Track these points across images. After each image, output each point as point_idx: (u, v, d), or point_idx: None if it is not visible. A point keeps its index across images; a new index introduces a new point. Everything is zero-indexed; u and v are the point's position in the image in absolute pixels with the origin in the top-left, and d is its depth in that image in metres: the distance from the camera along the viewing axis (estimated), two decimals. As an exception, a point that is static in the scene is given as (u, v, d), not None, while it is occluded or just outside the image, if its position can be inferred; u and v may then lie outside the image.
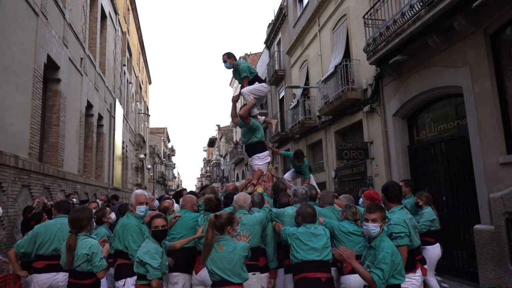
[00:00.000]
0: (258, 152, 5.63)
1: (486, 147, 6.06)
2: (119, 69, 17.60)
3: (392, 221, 3.44)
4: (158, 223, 3.38)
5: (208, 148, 63.68)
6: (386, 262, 2.86)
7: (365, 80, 10.02)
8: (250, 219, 3.82)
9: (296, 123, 14.63)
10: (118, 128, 16.42)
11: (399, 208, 3.57)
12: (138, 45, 25.78)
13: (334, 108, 11.22)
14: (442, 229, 6.09)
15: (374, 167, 9.74)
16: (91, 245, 3.19)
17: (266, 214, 3.96)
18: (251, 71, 5.82)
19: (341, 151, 9.97)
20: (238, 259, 3.06)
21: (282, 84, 18.37)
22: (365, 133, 10.22)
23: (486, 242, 5.82)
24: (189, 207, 4.18)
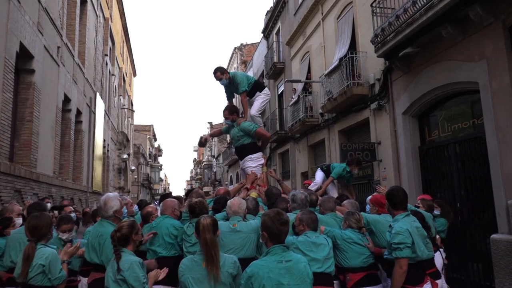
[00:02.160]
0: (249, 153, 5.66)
1: (504, 148, 6.10)
2: (100, 60, 17.54)
3: (394, 229, 3.45)
4: None
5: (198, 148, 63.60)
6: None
7: (372, 74, 10.06)
8: (245, 226, 3.83)
9: (296, 121, 14.65)
10: (98, 125, 16.37)
11: (403, 216, 3.57)
12: (122, 33, 25.70)
13: (338, 105, 11.25)
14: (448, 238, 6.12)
15: (381, 170, 9.78)
16: (48, 254, 3.14)
17: (262, 221, 3.97)
18: (249, 81, 5.96)
19: (346, 152, 9.99)
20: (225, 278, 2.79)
21: (281, 78, 18.39)
22: (372, 133, 10.26)
23: (504, 254, 5.85)
24: (169, 212, 4.16)
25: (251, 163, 5.66)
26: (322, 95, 12.49)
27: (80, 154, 13.75)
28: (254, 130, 5.66)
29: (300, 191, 4.20)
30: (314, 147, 14.99)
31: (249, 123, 5.76)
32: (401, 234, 3.39)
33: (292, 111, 15.19)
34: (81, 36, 13.94)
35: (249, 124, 5.72)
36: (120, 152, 24.23)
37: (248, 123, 5.75)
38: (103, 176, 18.05)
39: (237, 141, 5.84)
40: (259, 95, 6.11)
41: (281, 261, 2.68)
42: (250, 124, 5.72)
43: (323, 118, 13.38)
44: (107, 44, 19.40)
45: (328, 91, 11.81)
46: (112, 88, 21.57)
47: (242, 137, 5.74)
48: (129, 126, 31.37)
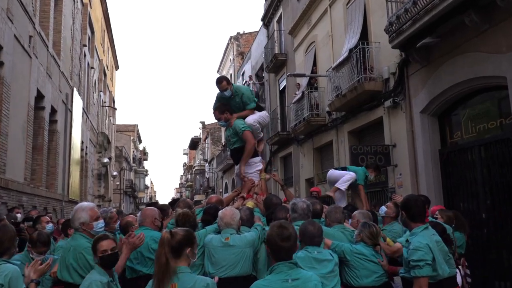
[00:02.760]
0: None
1: (535, 152, 6.11)
2: (78, 51, 17.55)
3: (412, 245, 3.45)
4: (106, 245, 3.33)
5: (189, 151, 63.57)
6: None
7: (386, 67, 10.08)
8: (239, 240, 3.83)
9: (300, 120, 14.66)
10: (76, 124, 16.37)
11: (422, 229, 3.56)
12: (103, 20, 25.73)
13: (347, 102, 11.26)
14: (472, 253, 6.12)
15: (397, 176, 9.77)
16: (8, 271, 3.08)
17: (259, 234, 3.96)
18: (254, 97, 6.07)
19: (356, 156, 9.98)
20: None
21: (283, 72, 18.42)
22: (386, 134, 10.26)
23: (535, 271, 5.86)
24: (149, 223, 4.12)
25: (247, 168, 5.66)
26: (329, 91, 12.51)
27: (55, 158, 13.74)
28: (242, 131, 5.65)
29: (301, 200, 4.18)
30: (320, 150, 14.98)
31: (242, 122, 5.75)
32: (420, 250, 3.38)
33: (296, 109, 15.20)
34: (56, 24, 13.95)
35: (241, 123, 5.72)
36: (100, 155, 24.21)
37: (241, 122, 5.74)
38: (80, 183, 18.03)
39: (231, 143, 5.84)
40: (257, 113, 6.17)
41: (286, 280, 2.64)
42: (242, 123, 5.72)
43: (330, 117, 13.38)
44: (86, 33, 19.42)
45: (336, 87, 11.81)
46: (91, 83, 21.57)
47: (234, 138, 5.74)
48: (111, 126, 31.35)
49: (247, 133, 5.72)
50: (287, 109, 17.58)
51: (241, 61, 29.13)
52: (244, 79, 26.09)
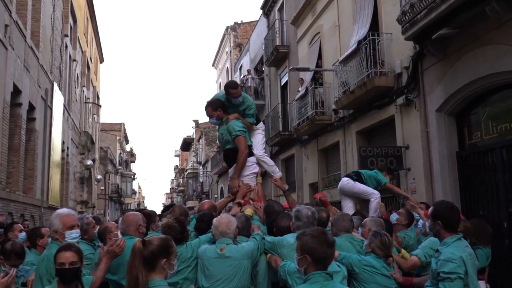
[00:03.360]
0: None
1: (562, 155, 6.11)
2: (58, 42, 17.54)
3: (443, 256, 3.45)
4: (65, 258, 3.23)
5: (181, 152, 63.57)
6: None
7: (399, 61, 10.08)
8: (236, 251, 3.81)
9: (303, 119, 14.66)
10: (56, 123, 16.35)
11: (455, 239, 3.57)
12: (86, 8, 25.73)
13: (356, 99, 11.25)
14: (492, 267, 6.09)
15: (410, 181, 9.77)
16: None
17: (258, 244, 3.95)
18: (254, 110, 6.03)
19: (365, 159, 9.97)
20: None
21: (285, 65, 18.43)
22: (399, 135, 10.25)
23: (562, 286, 5.86)
24: (133, 230, 4.02)
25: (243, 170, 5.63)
26: (336, 87, 12.50)
27: (33, 159, 13.71)
28: (235, 135, 5.59)
29: (306, 206, 4.16)
30: (325, 152, 14.97)
31: (239, 123, 5.68)
32: (453, 261, 3.38)
33: (299, 107, 15.19)
34: (34, 12, 13.93)
35: (238, 126, 5.64)
36: (83, 157, 24.19)
37: (238, 123, 5.66)
38: (61, 187, 18.01)
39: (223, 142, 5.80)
40: (255, 129, 6.11)
41: None
42: (239, 126, 5.64)
43: (337, 115, 13.38)
44: (67, 22, 19.40)
45: (344, 82, 11.80)
46: (73, 77, 21.55)
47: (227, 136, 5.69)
48: (95, 125, 31.32)
49: (241, 140, 5.57)
50: (289, 107, 17.57)
51: (238, 53, 29.14)
52: (242, 73, 26.10)
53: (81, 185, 24.12)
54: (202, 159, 41.60)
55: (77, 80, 22.78)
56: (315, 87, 14.10)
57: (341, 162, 13.27)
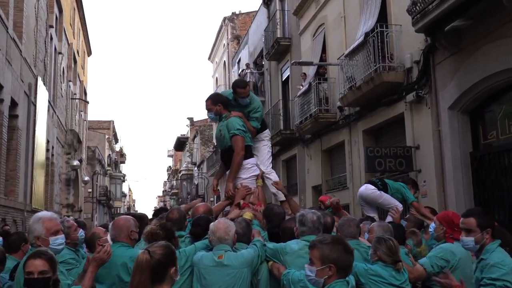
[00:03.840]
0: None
1: None
2: (43, 33, 17.52)
3: (491, 260, 3.46)
4: (34, 267, 3.10)
5: (175, 152, 63.57)
6: None
7: (408, 55, 10.09)
8: (235, 258, 3.80)
9: (306, 117, 14.66)
10: (40, 120, 16.34)
11: (497, 245, 3.60)
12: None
13: (362, 95, 11.26)
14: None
15: (420, 183, 9.77)
16: None
17: (258, 251, 3.94)
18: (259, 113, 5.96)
19: (373, 160, 9.96)
20: None
21: (287, 59, 18.43)
22: (408, 134, 10.26)
23: None
24: (124, 237, 3.95)
25: (241, 172, 5.60)
26: (341, 83, 12.51)
27: (16, 159, 13.70)
28: (232, 133, 5.52)
29: (311, 210, 4.16)
30: (330, 152, 14.96)
31: (240, 122, 5.62)
32: (501, 267, 3.39)
33: (301, 104, 15.19)
34: (17, 1, 13.91)
35: (238, 124, 5.58)
36: (69, 157, 24.18)
37: (239, 121, 5.60)
38: (46, 190, 17.99)
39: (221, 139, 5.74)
40: (261, 140, 6.04)
41: None
42: (239, 124, 5.58)
43: (342, 113, 13.38)
44: (53, 12, 19.39)
45: (350, 78, 11.80)
46: (58, 71, 21.54)
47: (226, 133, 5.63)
48: (82, 123, 31.30)
49: (238, 139, 5.43)
50: (291, 104, 17.56)
51: (236, 46, 29.14)
52: (240, 67, 26.09)
53: (67, 187, 24.11)
54: (197, 159, 41.63)
55: (63, 74, 22.77)
56: (318, 83, 14.09)
57: (346, 163, 13.26)
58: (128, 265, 3.75)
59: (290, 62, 17.05)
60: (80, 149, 27.69)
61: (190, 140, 46.68)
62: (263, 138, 6.07)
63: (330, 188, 14.57)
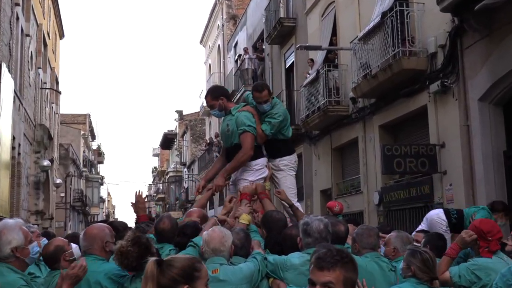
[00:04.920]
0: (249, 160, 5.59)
1: None
2: (8, 12, 17.47)
3: None
4: None
5: (161, 151, 63.51)
6: None
7: (433, 38, 10.08)
8: (232, 273, 3.79)
9: (313, 110, 14.66)
10: (5, 113, 16.30)
11: None
12: (43, -30, 25.65)
13: (379, 85, 11.26)
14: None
15: (446, 187, 9.78)
16: None
17: (259, 266, 3.93)
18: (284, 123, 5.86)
19: (391, 160, 9.97)
20: None
21: (291, 43, 18.42)
22: (432, 130, 10.27)
23: None
24: (97, 249, 3.90)
25: (248, 174, 5.59)
26: (354, 70, 12.50)
27: (-24, 159, 13.67)
28: (243, 129, 5.50)
29: (317, 218, 4.10)
30: (341, 150, 14.96)
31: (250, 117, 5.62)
32: None
33: (308, 95, 15.19)
34: (-22, -26, 13.86)
35: (250, 119, 5.57)
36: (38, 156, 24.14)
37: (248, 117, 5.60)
38: (11, 194, 17.95)
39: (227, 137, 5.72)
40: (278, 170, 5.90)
41: None
42: (251, 119, 5.57)
43: (355, 106, 13.39)
44: (20, -12, 19.32)
45: (364, 64, 11.81)
46: (26, 56, 21.49)
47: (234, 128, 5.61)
48: (53, 117, 31.25)
49: (248, 137, 5.47)
50: (295, 95, 17.56)
51: (233, 28, 29.11)
52: (237, 52, 26.06)
53: (36, 191, 24.06)
54: (187, 159, 41.60)
55: (31, 60, 22.71)
56: (328, 70, 14.07)
57: (360, 163, 13.27)
58: (102, 284, 3.71)
59: (295, 46, 17.03)
60: (51, 147, 27.65)
61: (178, 137, 46.63)
62: (281, 167, 5.85)
63: (341, 193, 14.57)
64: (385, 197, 11.98)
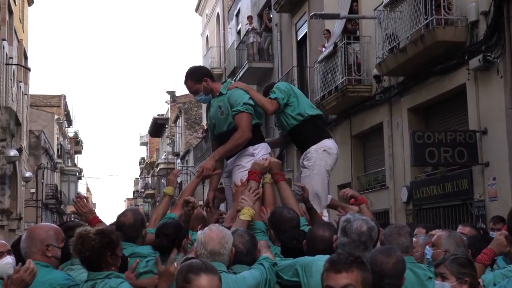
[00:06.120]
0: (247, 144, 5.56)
1: None
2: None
3: None
4: None
5: (150, 139, 63.64)
6: None
7: (473, 4, 10.03)
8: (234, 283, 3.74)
9: (330, 90, 14.64)
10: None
11: None
12: None
13: (408, 60, 11.23)
14: None
15: (488, 181, 9.77)
16: None
17: (266, 274, 3.88)
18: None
19: (422, 148, 9.96)
20: None
21: (303, 11, 18.39)
22: (472, 113, 10.24)
23: None
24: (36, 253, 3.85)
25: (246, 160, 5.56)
26: (379, 43, 12.46)
27: None
28: (236, 111, 5.48)
29: (361, 217, 4.05)
30: (363, 138, 14.95)
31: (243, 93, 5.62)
32: None
33: (324, 72, 15.18)
34: None
35: (243, 97, 5.57)
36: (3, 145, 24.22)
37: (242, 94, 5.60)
38: (-28, 189, 18.05)
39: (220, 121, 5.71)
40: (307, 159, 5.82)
41: None
42: (245, 97, 5.57)
43: (380, 85, 13.37)
44: None
45: (391, 36, 11.76)
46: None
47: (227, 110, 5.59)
48: (22, 98, 31.30)
49: (244, 117, 5.47)
50: (309, 72, 17.54)
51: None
52: (239, 23, 26.00)
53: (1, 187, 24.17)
54: (181, 148, 41.70)
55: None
56: (347, 43, 14.05)
57: (385, 153, 13.28)
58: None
59: (308, 14, 16.95)
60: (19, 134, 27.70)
61: (170, 123, 46.73)
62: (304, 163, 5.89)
63: (362, 188, 14.57)
64: (415, 194, 11.99)
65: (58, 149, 50.50)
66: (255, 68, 21.32)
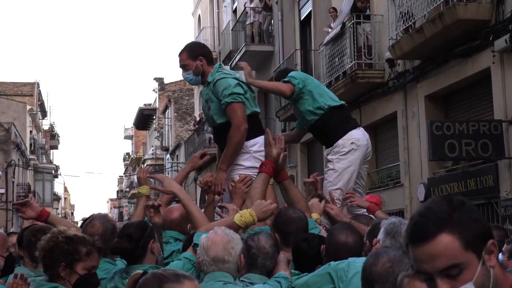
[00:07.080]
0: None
1: None
2: None
3: None
4: None
5: (135, 131, 63.53)
6: None
7: (498, -23, 10.04)
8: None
9: (338, 76, 14.69)
10: None
11: None
12: None
13: (425, 42, 11.26)
14: None
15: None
16: None
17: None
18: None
19: (441, 140, 10.01)
20: None
21: (308, -13, 18.34)
22: (497, 101, 10.27)
23: None
24: None
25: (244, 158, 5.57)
26: (392, 23, 12.48)
27: None
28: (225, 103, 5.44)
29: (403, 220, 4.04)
30: (374, 129, 14.97)
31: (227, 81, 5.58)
32: None
33: (330, 56, 15.22)
34: None
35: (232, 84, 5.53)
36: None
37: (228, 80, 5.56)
38: None
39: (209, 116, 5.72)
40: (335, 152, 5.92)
41: None
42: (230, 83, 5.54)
43: (394, 70, 13.40)
44: None
45: (406, 14, 11.78)
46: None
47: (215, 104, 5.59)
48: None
49: (236, 108, 5.38)
50: (313, 55, 17.56)
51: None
52: (235, 1, 25.94)
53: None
54: (171, 142, 41.66)
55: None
56: (357, 23, 14.10)
57: (399, 146, 13.33)
58: None
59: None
60: (-13, 126, 27.75)
61: (159, 113, 46.67)
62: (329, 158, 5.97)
63: (374, 185, 14.59)
64: (433, 191, 11.96)
65: (31, 144, 50.45)
66: (253, 51, 21.33)
